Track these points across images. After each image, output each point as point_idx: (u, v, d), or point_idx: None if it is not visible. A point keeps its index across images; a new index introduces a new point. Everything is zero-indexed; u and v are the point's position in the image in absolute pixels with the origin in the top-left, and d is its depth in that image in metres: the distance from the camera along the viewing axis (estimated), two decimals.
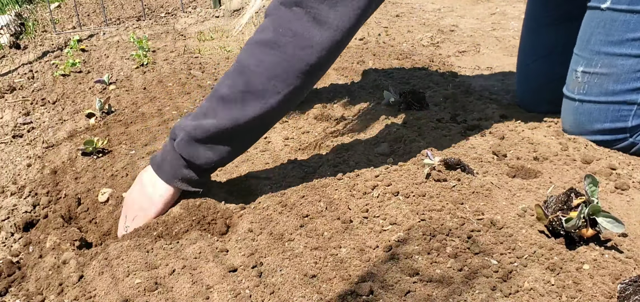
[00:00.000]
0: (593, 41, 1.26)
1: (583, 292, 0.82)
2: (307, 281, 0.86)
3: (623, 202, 1.07)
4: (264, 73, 0.99)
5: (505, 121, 1.46)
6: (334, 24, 0.97)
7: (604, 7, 1.23)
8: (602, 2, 1.24)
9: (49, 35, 3.18)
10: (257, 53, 1.00)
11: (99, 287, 0.91)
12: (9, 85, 2.24)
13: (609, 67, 1.24)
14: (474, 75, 1.97)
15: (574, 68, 1.32)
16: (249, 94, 1.00)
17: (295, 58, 0.98)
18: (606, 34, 1.24)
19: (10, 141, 1.72)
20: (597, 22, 1.25)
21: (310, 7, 0.97)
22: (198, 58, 2.41)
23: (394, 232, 0.96)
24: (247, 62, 1.00)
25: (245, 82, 1.00)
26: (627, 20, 1.20)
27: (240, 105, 1.00)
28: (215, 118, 1.01)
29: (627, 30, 1.21)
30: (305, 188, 1.12)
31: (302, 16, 0.98)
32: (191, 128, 1.02)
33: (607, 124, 1.27)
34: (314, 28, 0.98)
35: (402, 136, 1.36)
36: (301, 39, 0.98)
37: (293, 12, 0.98)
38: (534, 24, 1.51)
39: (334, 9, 0.97)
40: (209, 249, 0.96)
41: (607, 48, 1.24)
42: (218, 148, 1.03)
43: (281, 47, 0.98)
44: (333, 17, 0.97)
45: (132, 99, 1.93)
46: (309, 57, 0.99)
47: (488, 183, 1.11)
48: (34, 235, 1.17)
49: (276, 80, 0.99)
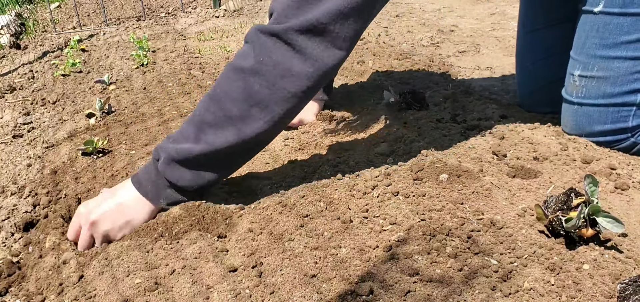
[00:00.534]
0: (588, 45, 1.26)
1: (583, 292, 0.82)
2: (307, 281, 0.86)
3: (623, 202, 1.07)
4: (244, 100, 0.98)
5: (505, 121, 1.46)
6: (314, 54, 0.96)
7: (597, 10, 1.23)
8: (595, 5, 1.24)
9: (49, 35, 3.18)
10: (236, 80, 0.99)
11: (99, 287, 0.91)
12: (9, 85, 2.24)
13: (606, 70, 1.24)
14: (474, 76, 1.97)
15: (571, 72, 1.32)
16: (229, 119, 0.99)
17: (276, 86, 0.97)
18: (600, 37, 1.24)
19: (10, 141, 1.72)
20: (591, 25, 1.25)
21: (289, 38, 0.96)
22: (198, 58, 2.41)
23: (394, 232, 0.96)
24: (227, 88, 0.99)
25: (225, 108, 0.98)
26: (621, 23, 1.20)
27: (221, 131, 0.99)
28: (196, 142, 1.00)
29: (621, 33, 1.21)
30: (305, 188, 1.12)
31: (281, 46, 0.96)
32: (173, 150, 1.01)
33: (608, 125, 1.27)
34: (294, 58, 0.96)
35: (402, 136, 1.36)
36: (281, 68, 0.96)
37: (272, 41, 0.97)
38: (529, 27, 1.51)
39: (312, 41, 0.95)
40: (209, 249, 0.96)
41: (602, 51, 1.24)
42: (200, 172, 1.02)
43: (262, 76, 0.97)
44: (312, 47, 0.96)
45: (132, 99, 1.93)
46: (290, 86, 0.97)
47: (488, 183, 1.11)
48: (34, 235, 1.17)
49: (257, 108, 0.98)
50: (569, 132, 1.36)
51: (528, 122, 1.44)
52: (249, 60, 0.98)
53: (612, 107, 1.26)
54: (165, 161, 1.02)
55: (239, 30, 2.92)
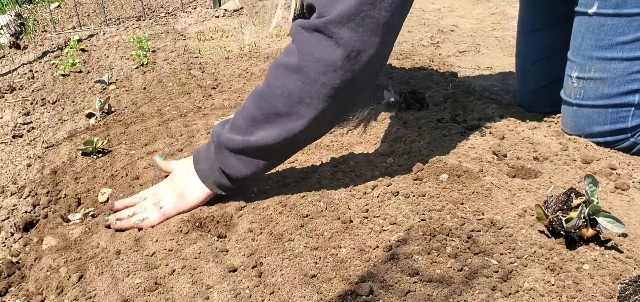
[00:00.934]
0: (584, 47, 1.26)
1: (583, 292, 0.81)
2: (307, 281, 0.86)
3: (623, 202, 1.07)
4: (289, 97, 0.99)
5: (505, 121, 1.46)
6: (356, 46, 0.95)
7: (591, 12, 1.23)
8: (589, 7, 1.24)
9: (49, 35, 3.18)
10: (282, 77, 1.00)
11: (99, 287, 0.91)
12: (9, 85, 2.24)
13: (602, 71, 1.24)
14: (474, 75, 1.97)
15: (569, 73, 1.32)
16: (276, 116, 1.00)
17: (318, 83, 0.97)
18: (596, 39, 1.24)
19: (10, 141, 1.72)
20: (586, 27, 1.25)
21: (330, 32, 0.96)
22: (198, 58, 2.41)
23: (394, 232, 0.96)
24: (274, 85, 1.01)
25: (272, 105, 1.00)
26: (615, 24, 1.20)
27: (269, 127, 1.01)
28: (245, 135, 1.02)
29: (616, 34, 1.21)
30: (305, 188, 1.12)
31: (322, 40, 0.96)
32: (225, 138, 1.04)
33: (607, 126, 1.27)
34: (335, 51, 0.96)
35: (402, 136, 1.36)
36: (322, 63, 0.96)
37: (314, 36, 0.97)
38: (529, 27, 1.51)
39: (354, 32, 0.95)
40: (208, 249, 0.96)
41: (598, 53, 1.24)
42: (249, 162, 1.04)
43: (304, 73, 0.97)
44: (354, 39, 0.95)
45: (132, 99, 1.93)
46: (333, 81, 0.97)
47: (488, 183, 1.11)
48: (34, 235, 1.17)
49: (301, 105, 0.99)
50: (569, 133, 1.36)
51: (528, 122, 1.44)
52: (292, 58, 0.99)
53: (611, 108, 1.26)
54: (218, 147, 1.05)
55: (239, 30, 2.92)
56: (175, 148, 1.43)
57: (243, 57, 2.37)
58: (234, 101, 1.79)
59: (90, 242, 1.06)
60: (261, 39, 2.69)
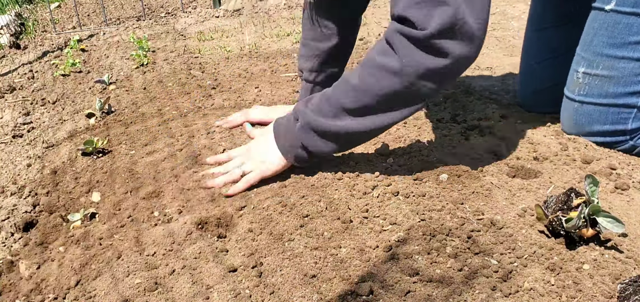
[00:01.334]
0: (595, 43, 1.26)
1: (583, 292, 0.82)
2: (307, 281, 0.86)
3: (623, 202, 1.07)
4: (385, 95, 1.05)
5: (505, 121, 1.46)
6: (455, 53, 1.00)
7: (608, 8, 1.23)
8: (606, 3, 1.23)
9: (49, 35, 3.18)
10: (378, 76, 1.05)
11: (99, 288, 0.91)
12: (9, 85, 2.24)
13: (610, 69, 1.24)
14: (474, 75, 1.97)
15: (575, 69, 1.31)
16: (367, 109, 1.08)
17: (416, 86, 1.03)
18: (609, 36, 1.23)
19: (10, 141, 1.72)
20: (600, 23, 1.25)
21: (431, 43, 1.00)
22: (198, 58, 2.41)
23: (394, 232, 0.96)
24: (369, 82, 1.06)
25: (365, 100, 1.07)
26: (631, 23, 1.19)
27: (358, 118, 1.09)
28: (333, 120, 1.10)
29: (630, 33, 1.20)
30: (305, 188, 1.12)
31: (424, 50, 1.01)
32: (312, 119, 1.11)
33: (607, 126, 1.27)
34: (436, 59, 1.01)
35: (402, 136, 1.36)
36: (423, 68, 1.01)
37: (415, 47, 1.01)
38: (537, 25, 1.51)
39: (452, 40, 0.99)
40: (208, 249, 0.96)
41: (609, 50, 1.23)
42: (331, 143, 1.13)
43: (404, 77, 1.03)
44: (452, 46, 1.00)
45: (132, 99, 1.93)
46: (431, 83, 1.03)
47: (488, 183, 1.11)
48: (33, 235, 1.17)
49: (396, 104, 1.07)
50: (567, 131, 1.36)
51: (528, 122, 1.44)
52: (392, 61, 1.04)
53: (613, 107, 1.25)
54: (304, 125, 1.13)
55: (239, 30, 2.92)
56: (176, 148, 1.43)
57: (243, 57, 2.37)
58: (234, 101, 1.79)
59: (90, 242, 1.06)
60: (261, 39, 2.69)
